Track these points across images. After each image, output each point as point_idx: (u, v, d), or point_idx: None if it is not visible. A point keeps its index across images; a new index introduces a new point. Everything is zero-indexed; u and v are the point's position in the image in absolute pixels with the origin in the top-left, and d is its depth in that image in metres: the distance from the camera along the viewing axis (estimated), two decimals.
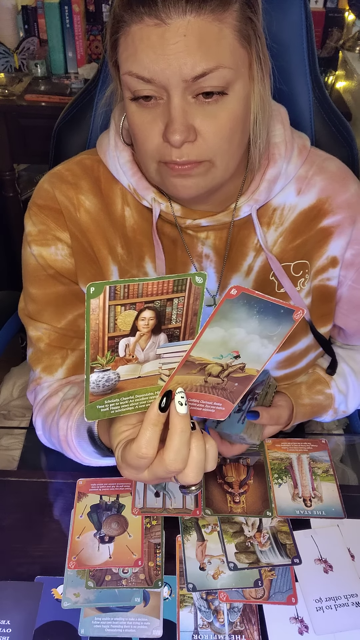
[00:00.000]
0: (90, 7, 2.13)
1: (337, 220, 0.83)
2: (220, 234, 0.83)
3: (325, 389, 0.94)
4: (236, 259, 0.84)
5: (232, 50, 0.65)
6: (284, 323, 0.54)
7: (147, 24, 0.62)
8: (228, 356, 0.56)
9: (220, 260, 0.84)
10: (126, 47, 0.65)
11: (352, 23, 2.07)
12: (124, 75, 0.66)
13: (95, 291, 0.51)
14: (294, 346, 0.90)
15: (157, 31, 0.62)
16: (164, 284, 0.53)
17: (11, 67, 2.14)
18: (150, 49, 0.63)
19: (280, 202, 0.83)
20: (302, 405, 0.92)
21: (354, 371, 0.96)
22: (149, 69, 0.63)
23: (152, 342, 0.56)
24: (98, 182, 0.84)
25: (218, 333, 0.54)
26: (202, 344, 0.55)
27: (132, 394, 0.58)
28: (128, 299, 0.52)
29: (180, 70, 0.63)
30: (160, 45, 0.62)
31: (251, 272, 0.85)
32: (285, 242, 0.84)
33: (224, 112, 0.67)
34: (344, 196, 0.83)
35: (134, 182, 0.80)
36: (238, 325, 0.54)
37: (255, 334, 0.54)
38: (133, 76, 0.65)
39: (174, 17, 0.61)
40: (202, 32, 0.62)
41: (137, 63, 0.64)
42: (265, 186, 0.79)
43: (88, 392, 0.56)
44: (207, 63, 0.63)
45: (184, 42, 0.62)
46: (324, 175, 0.83)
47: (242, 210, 0.80)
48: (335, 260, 0.86)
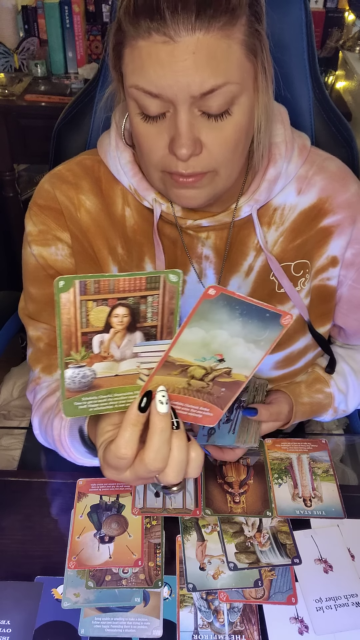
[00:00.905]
0: (90, 7, 2.14)
1: (337, 219, 0.83)
2: (221, 234, 0.83)
3: (324, 387, 0.94)
4: (236, 259, 0.84)
5: (239, 65, 0.64)
6: (271, 327, 0.53)
7: (155, 41, 0.61)
8: (211, 359, 0.55)
9: (220, 261, 0.84)
10: (132, 59, 0.64)
11: (352, 23, 2.07)
12: (130, 88, 0.66)
13: (65, 285, 0.51)
14: (292, 346, 0.90)
15: (165, 48, 0.61)
16: (135, 280, 0.52)
17: (11, 67, 2.14)
18: (158, 65, 0.62)
19: (281, 202, 0.83)
20: (302, 404, 0.92)
21: (354, 370, 0.96)
22: (157, 85, 0.63)
23: (127, 340, 0.55)
24: (99, 182, 0.84)
25: (198, 334, 0.53)
26: (181, 344, 0.54)
27: (111, 392, 0.58)
28: (99, 294, 0.52)
29: (188, 87, 0.62)
30: (169, 62, 0.61)
31: (251, 272, 0.85)
32: (285, 242, 0.84)
33: (229, 125, 0.67)
34: (344, 196, 0.83)
35: (134, 183, 0.80)
36: (220, 327, 0.53)
37: (239, 337, 0.53)
38: (140, 90, 0.64)
39: (183, 35, 0.60)
40: (210, 49, 0.61)
41: (144, 78, 0.63)
42: (266, 186, 0.80)
43: (64, 388, 0.56)
44: (215, 80, 0.62)
45: (193, 59, 0.61)
46: (324, 175, 0.83)
47: (243, 210, 0.81)
48: (335, 260, 0.86)
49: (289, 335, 0.89)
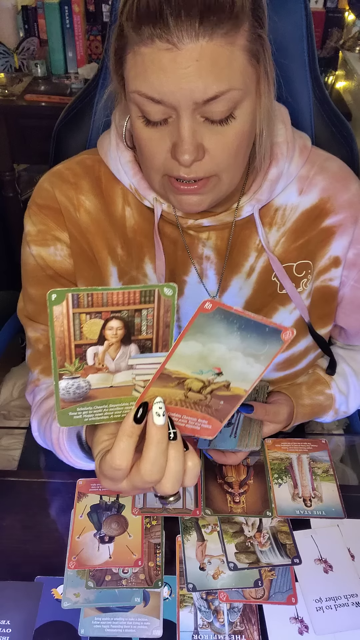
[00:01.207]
0: (90, 7, 2.13)
1: (339, 219, 0.83)
2: (222, 234, 0.83)
3: (325, 389, 0.94)
4: (237, 259, 0.84)
5: (242, 70, 0.64)
6: (271, 342, 0.52)
7: (158, 47, 0.60)
8: (209, 372, 0.55)
9: (221, 262, 0.84)
10: (134, 65, 0.64)
11: (352, 23, 2.07)
12: (132, 93, 0.66)
13: (57, 298, 0.51)
14: (294, 347, 0.90)
15: (168, 55, 0.60)
16: (129, 294, 0.52)
17: (11, 67, 2.14)
18: (161, 72, 0.61)
19: (282, 202, 0.83)
20: (303, 406, 0.91)
21: (355, 371, 0.96)
22: (159, 91, 0.63)
23: (122, 353, 0.55)
24: (99, 182, 0.84)
25: (195, 347, 0.53)
26: (177, 357, 0.53)
27: (106, 403, 0.57)
28: (92, 307, 0.52)
29: (191, 93, 0.62)
30: (172, 69, 0.61)
31: (253, 272, 0.85)
32: (287, 242, 0.84)
33: (232, 130, 0.67)
34: (346, 196, 0.83)
35: (135, 182, 0.80)
36: (217, 341, 0.52)
37: (238, 351, 0.53)
38: (142, 96, 0.64)
39: (186, 42, 0.60)
40: (214, 56, 0.61)
41: (147, 84, 0.63)
42: (268, 186, 0.79)
43: (58, 398, 0.55)
44: (218, 86, 0.62)
45: (196, 66, 0.61)
46: (326, 175, 0.83)
47: (244, 210, 0.80)
48: (337, 260, 0.86)
49: None
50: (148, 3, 0.59)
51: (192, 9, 0.59)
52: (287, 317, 0.87)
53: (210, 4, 0.59)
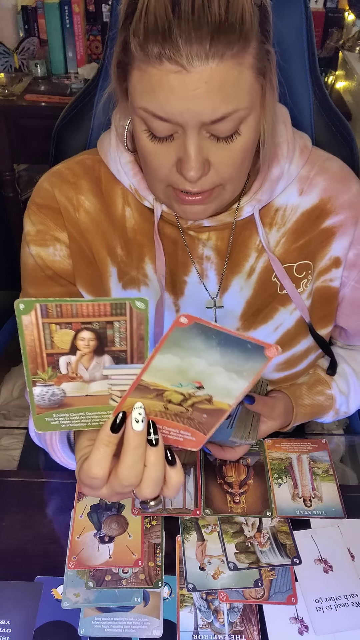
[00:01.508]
0: (90, 7, 2.14)
1: (339, 220, 0.83)
2: (222, 234, 0.83)
3: (326, 389, 0.94)
4: (238, 259, 0.84)
5: (249, 89, 0.64)
6: (254, 359, 0.51)
7: (167, 69, 0.59)
8: (189, 385, 0.54)
9: (222, 262, 0.84)
10: (140, 81, 0.63)
11: (352, 23, 2.07)
12: (138, 109, 0.65)
13: (25, 308, 0.50)
14: (294, 348, 0.90)
15: (177, 77, 0.59)
16: (99, 306, 0.51)
17: (11, 67, 2.14)
18: (169, 93, 0.60)
19: (283, 202, 0.83)
20: (303, 406, 0.91)
21: (355, 372, 0.96)
22: (167, 111, 0.62)
23: (96, 363, 0.54)
24: (99, 182, 0.84)
25: (172, 361, 0.52)
26: (154, 370, 0.53)
27: (83, 410, 0.57)
28: (62, 318, 0.51)
29: (199, 115, 0.61)
30: (181, 91, 0.60)
31: (253, 273, 0.85)
32: (288, 243, 0.84)
33: (237, 145, 0.67)
34: (346, 196, 0.83)
35: (135, 183, 0.80)
36: (196, 355, 0.51)
37: (219, 366, 0.52)
38: (149, 113, 0.63)
39: (196, 64, 0.58)
40: (223, 78, 0.60)
41: (154, 103, 0.62)
42: (268, 186, 0.79)
43: (33, 404, 0.55)
44: (226, 108, 0.62)
45: (205, 88, 0.60)
46: (326, 176, 0.83)
47: (245, 210, 0.80)
48: (338, 261, 0.86)
49: (291, 337, 0.88)
50: (156, 21, 0.58)
51: (202, 29, 0.57)
52: (287, 317, 0.87)
53: (220, 24, 0.57)
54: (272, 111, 0.70)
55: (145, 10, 0.58)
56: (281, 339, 0.88)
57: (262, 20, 0.62)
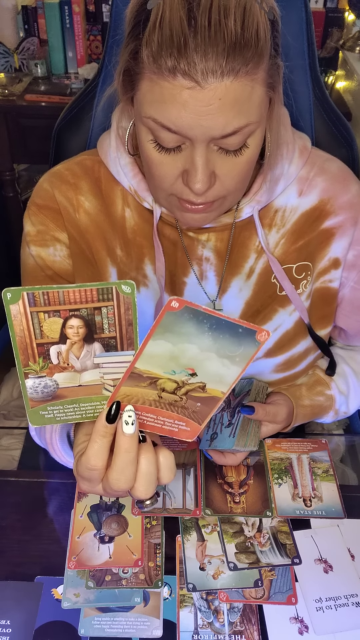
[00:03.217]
0: (90, 7, 2.14)
1: (338, 221, 0.83)
2: (222, 235, 0.83)
3: (325, 390, 0.94)
4: (237, 260, 0.84)
5: (260, 103, 0.64)
6: (246, 344, 0.51)
7: (180, 84, 0.59)
8: (182, 373, 0.54)
9: (221, 263, 0.84)
10: (151, 91, 0.62)
11: (352, 23, 2.07)
12: (145, 118, 0.64)
13: (13, 297, 0.51)
14: (293, 349, 0.90)
15: (191, 92, 0.59)
16: (86, 292, 0.52)
17: (11, 67, 2.14)
18: (181, 107, 0.60)
19: (282, 203, 0.83)
20: (303, 407, 0.91)
21: (355, 372, 0.96)
22: (177, 125, 0.61)
23: (86, 351, 0.54)
24: (98, 183, 0.84)
25: (165, 347, 0.52)
26: (147, 356, 0.53)
27: (77, 402, 0.57)
28: (50, 306, 0.52)
29: (210, 130, 0.61)
30: (193, 106, 0.59)
31: (252, 274, 0.85)
32: (287, 244, 0.84)
33: (244, 158, 0.67)
34: (346, 197, 0.83)
35: (134, 184, 0.80)
36: (188, 341, 0.52)
37: (211, 352, 0.52)
38: (157, 122, 0.63)
39: (211, 81, 0.58)
40: (236, 94, 0.60)
41: (164, 115, 0.62)
42: (267, 187, 0.79)
43: (27, 397, 0.56)
44: (238, 122, 0.62)
45: (218, 104, 0.59)
46: (325, 177, 0.83)
47: (244, 211, 0.80)
48: (337, 262, 0.86)
49: (290, 338, 0.89)
50: (172, 34, 0.57)
51: (218, 46, 0.56)
52: (286, 318, 0.87)
53: (236, 41, 0.57)
54: (278, 121, 0.71)
55: (160, 21, 0.57)
56: (280, 340, 0.88)
57: (273, 34, 0.62)
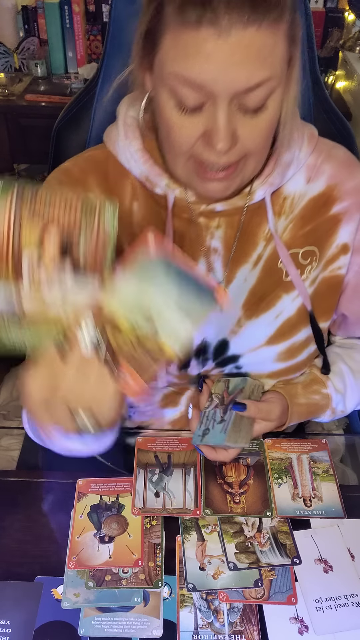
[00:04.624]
0: (90, 7, 2.14)
1: (345, 206, 0.84)
2: (232, 220, 0.83)
3: (322, 388, 0.94)
4: (246, 249, 0.84)
5: (282, 58, 0.64)
6: (204, 300, 0.52)
7: (204, 34, 0.59)
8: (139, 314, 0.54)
9: (228, 253, 0.84)
10: (175, 47, 0.62)
11: (352, 23, 2.08)
12: (168, 75, 0.64)
13: (3, 189, 0.51)
14: (295, 336, 0.90)
15: (215, 42, 0.59)
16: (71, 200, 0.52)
17: (11, 67, 2.14)
18: (204, 58, 0.60)
19: (291, 190, 0.84)
20: (298, 405, 0.92)
21: (352, 370, 0.96)
22: (201, 78, 0.62)
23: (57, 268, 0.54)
24: (106, 177, 0.83)
25: (131, 282, 0.52)
26: (113, 289, 0.53)
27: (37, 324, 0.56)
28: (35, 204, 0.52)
29: (234, 82, 0.62)
30: (217, 57, 0.60)
31: (260, 261, 0.85)
32: (295, 229, 0.85)
33: (264, 118, 0.67)
34: (352, 183, 0.84)
35: (146, 169, 0.80)
36: (154, 284, 0.52)
37: (171, 300, 0.52)
38: (181, 79, 0.63)
39: (235, 30, 0.59)
40: (260, 45, 0.60)
41: (188, 68, 0.62)
42: (280, 170, 0.80)
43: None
44: (261, 75, 0.62)
45: (242, 55, 0.60)
46: (333, 163, 0.84)
47: (257, 194, 0.81)
48: (346, 247, 0.86)
49: (292, 325, 0.89)
50: None
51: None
52: (289, 305, 0.88)
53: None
54: (295, 88, 0.71)
55: None
56: (282, 327, 0.88)
57: None
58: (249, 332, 0.87)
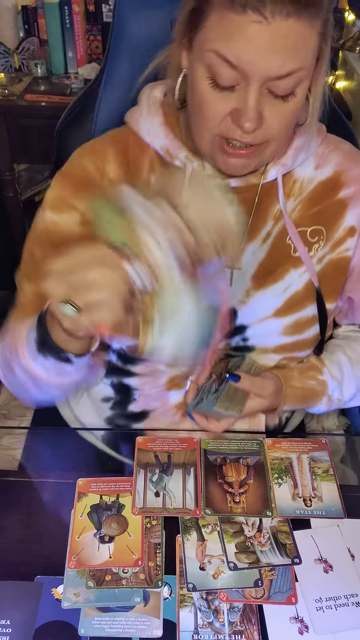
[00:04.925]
0: (90, 7, 2.14)
1: (351, 192, 0.89)
2: (244, 197, 0.86)
3: (318, 375, 0.96)
4: (255, 225, 0.89)
5: (313, 51, 0.70)
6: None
7: (249, 18, 0.65)
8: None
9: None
10: (219, 26, 0.68)
11: (352, 23, 2.08)
12: (208, 52, 0.69)
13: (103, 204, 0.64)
14: (302, 311, 0.92)
15: (257, 27, 0.65)
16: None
17: (11, 67, 2.14)
18: (246, 41, 0.66)
19: (301, 174, 0.89)
20: (293, 387, 0.93)
21: (351, 360, 0.98)
22: (239, 58, 0.67)
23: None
24: (126, 152, 0.88)
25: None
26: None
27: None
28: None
29: (268, 68, 0.67)
30: (258, 42, 0.65)
31: (269, 237, 0.89)
32: (303, 210, 0.90)
33: (290, 105, 0.73)
34: (358, 170, 0.90)
35: (167, 142, 0.85)
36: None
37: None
38: (220, 57, 0.68)
39: (277, 19, 0.64)
40: (297, 36, 0.66)
41: (229, 48, 0.67)
42: (292, 153, 0.85)
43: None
44: (293, 64, 0.68)
45: (281, 43, 0.66)
46: (339, 153, 0.90)
47: (270, 173, 0.86)
48: (353, 230, 0.91)
49: (299, 300, 0.91)
50: None
51: None
52: (296, 279, 0.90)
53: None
54: (323, 80, 0.77)
55: None
56: (290, 300, 0.91)
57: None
58: (256, 303, 0.90)
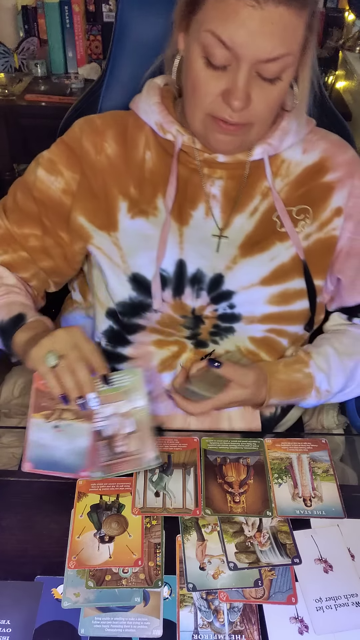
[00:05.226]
0: (90, 7, 2.14)
1: (337, 176, 0.93)
2: (233, 173, 0.92)
3: (304, 368, 0.96)
4: (244, 200, 0.93)
5: (300, 41, 0.76)
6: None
7: (244, 2, 0.71)
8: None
9: (226, 202, 0.93)
10: (216, 7, 0.74)
11: (352, 23, 2.08)
12: (205, 32, 0.75)
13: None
14: (288, 282, 0.94)
15: (251, 11, 0.71)
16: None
17: (11, 67, 2.14)
18: (240, 24, 0.72)
19: (288, 156, 0.93)
20: (278, 380, 0.94)
21: (338, 352, 0.98)
22: (232, 40, 0.73)
23: None
24: (125, 131, 0.94)
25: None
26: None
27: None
28: None
29: (258, 51, 0.73)
30: (250, 25, 0.72)
31: (256, 212, 0.93)
32: (290, 191, 0.94)
33: (277, 89, 0.79)
34: (343, 157, 0.94)
35: (161, 118, 0.91)
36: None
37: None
38: (214, 37, 0.74)
39: (270, 5, 0.71)
40: (286, 23, 0.73)
41: (224, 29, 0.73)
42: (278, 134, 0.90)
43: None
44: (281, 49, 0.74)
45: (271, 28, 0.72)
46: (326, 141, 0.95)
47: (256, 151, 0.90)
48: (339, 210, 0.94)
49: (286, 272, 0.93)
50: None
51: None
52: (283, 251, 0.93)
53: None
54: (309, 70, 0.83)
55: None
56: (276, 271, 0.93)
57: None
58: (243, 270, 0.92)
